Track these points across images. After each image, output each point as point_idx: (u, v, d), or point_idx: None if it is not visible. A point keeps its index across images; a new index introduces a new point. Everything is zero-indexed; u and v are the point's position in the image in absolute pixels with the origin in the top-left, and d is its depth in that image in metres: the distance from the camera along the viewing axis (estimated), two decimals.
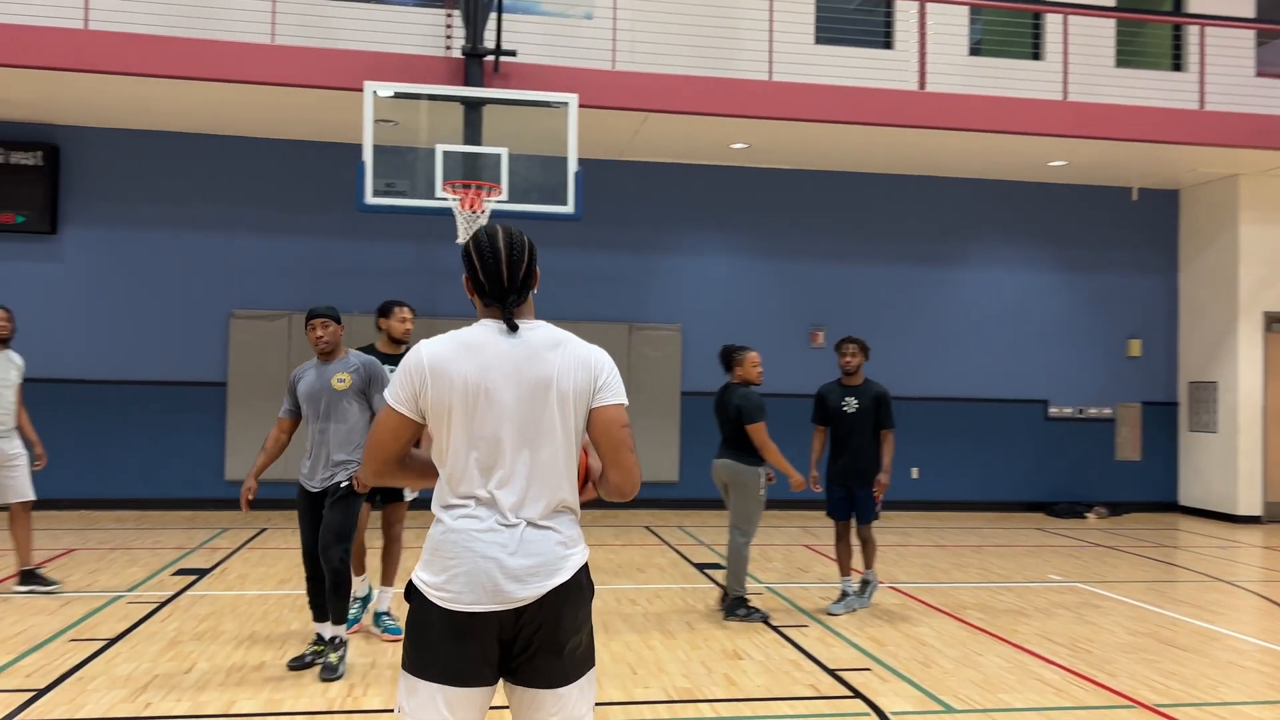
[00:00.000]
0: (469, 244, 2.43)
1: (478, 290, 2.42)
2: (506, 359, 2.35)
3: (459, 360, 2.33)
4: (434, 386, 2.33)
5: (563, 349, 2.38)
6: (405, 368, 2.37)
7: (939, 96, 10.40)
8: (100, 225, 11.03)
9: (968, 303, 12.62)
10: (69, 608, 6.30)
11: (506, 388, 2.33)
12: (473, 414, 2.32)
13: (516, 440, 2.33)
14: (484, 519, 2.31)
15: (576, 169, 8.99)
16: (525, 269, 2.39)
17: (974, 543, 10.03)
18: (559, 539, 2.35)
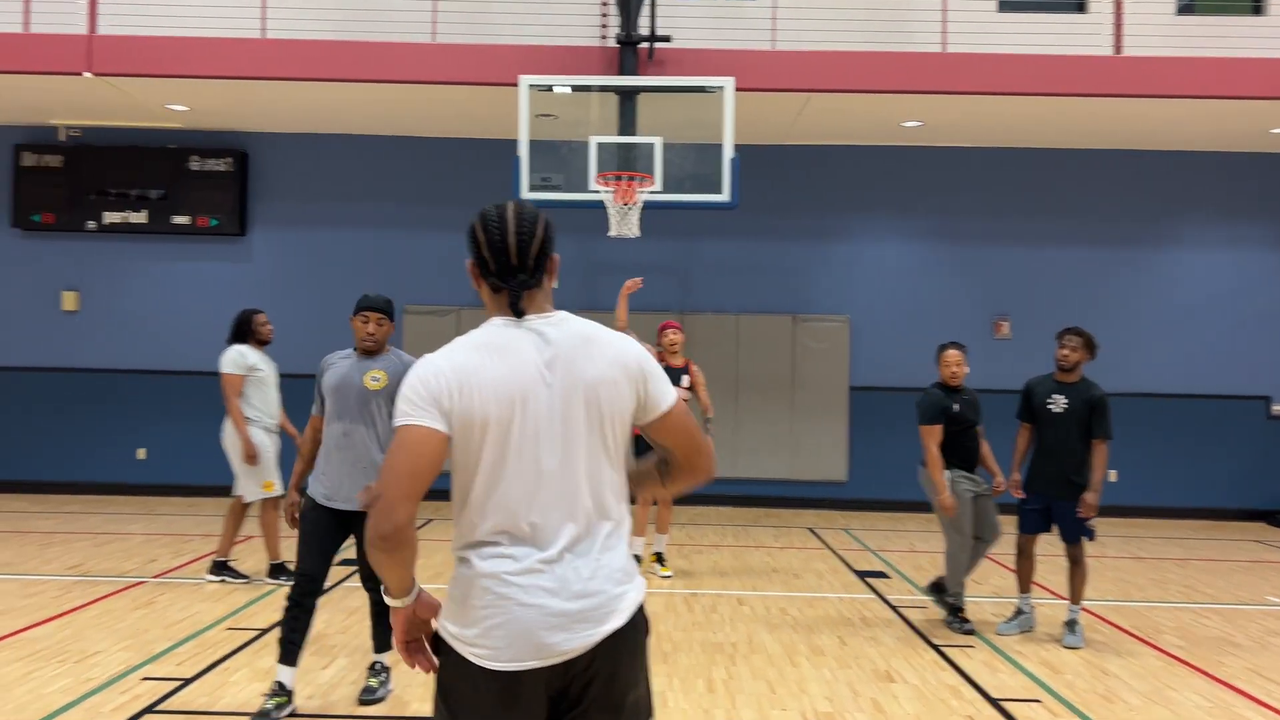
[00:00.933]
0: (474, 221, 2.13)
1: (482, 271, 2.10)
2: (538, 360, 2.03)
3: (487, 366, 2.01)
4: (463, 398, 1.98)
5: (597, 345, 2.07)
6: (420, 378, 2.02)
7: (1138, 61, 9.41)
8: (284, 226, 11.59)
9: (1174, 288, 11.42)
10: (233, 596, 6.55)
11: (542, 394, 2.02)
12: (508, 429, 1.99)
13: (557, 456, 2.01)
14: (520, 558, 1.98)
15: (733, 155, 8.66)
16: (538, 246, 2.09)
17: (1178, 555, 9.03)
18: (612, 573, 2.02)
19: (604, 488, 2.05)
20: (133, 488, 11.29)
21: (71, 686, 4.63)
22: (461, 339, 2.08)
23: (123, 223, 11.42)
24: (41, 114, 10.98)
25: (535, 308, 2.09)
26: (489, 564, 1.98)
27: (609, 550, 2.04)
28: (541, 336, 2.06)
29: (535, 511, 1.99)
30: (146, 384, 11.50)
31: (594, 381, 2.03)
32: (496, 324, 2.09)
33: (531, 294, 2.09)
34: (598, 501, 2.03)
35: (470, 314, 11.46)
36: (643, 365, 2.10)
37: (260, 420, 6.95)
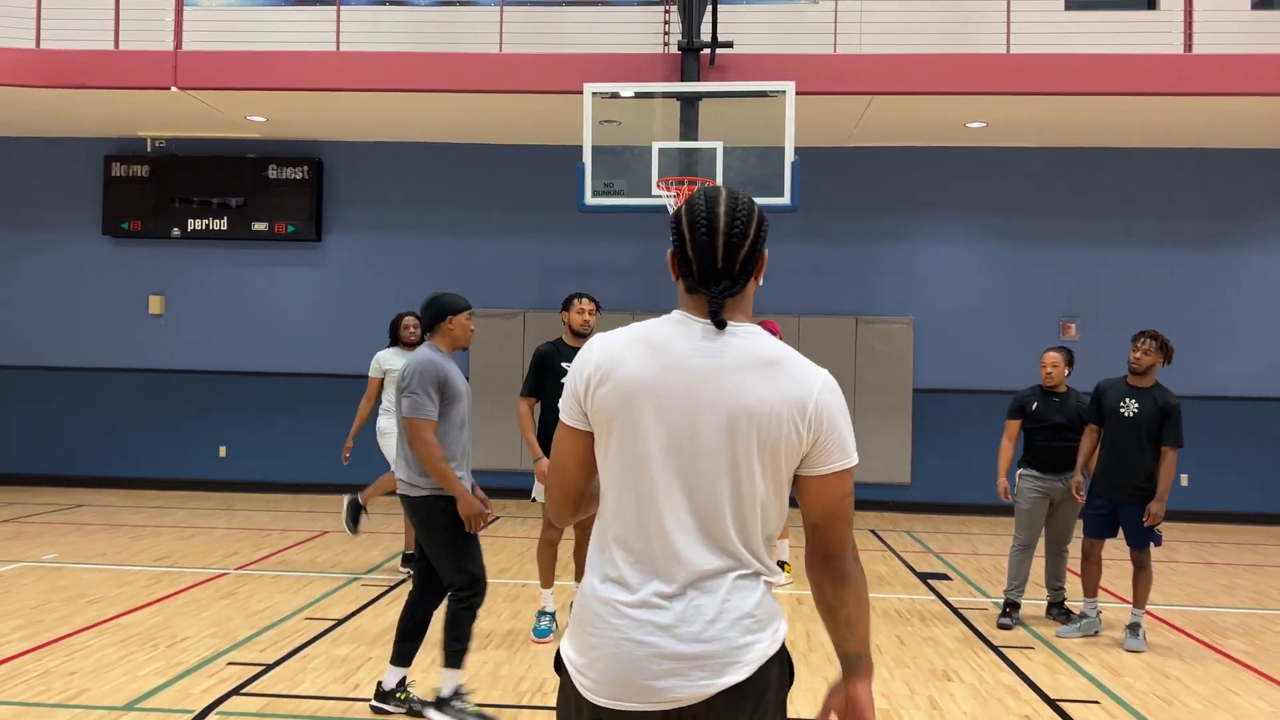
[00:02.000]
0: (680, 211, 1.87)
1: (681, 269, 1.87)
2: (693, 367, 1.79)
3: (632, 358, 1.81)
4: (601, 387, 1.82)
5: (775, 371, 1.80)
6: (573, 366, 1.89)
7: (1210, 58, 9.25)
8: (357, 231, 11.96)
9: (1249, 289, 11.18)
10: (311, 587, 6.85)
11: (682, 404, 1.78)
12: (637, 430, 1.79)
13: (695, 478, 1.78)
14: (636, 586, 1.78)
15: (794, 158, 8.73)
16: (749, 248, 1.82)
17: (1250, 561, 8.86)
18: (739, 618, 1.77)
19: (748, 522, 1.80)
20: (214, 484, 11.76)
21: (163, 669, 4.93)
22: (637, 325, 1.89)
23: (205, 229, 11.90)
24: (130, 126, 11.50)
25: (729, 312, 1.84)
26: (605, 588, 1.81)
27: (741, 591, 1.79)
28: (715, 343, 1.81)
29: (660, 534, 1.78)
30: (227, 384, 11.96)
31: (750, 407, 1.78)
32: (672, 317, 1.86)
33: (735, 300, 1.85)
34: (739, 536, 1.79)
35: (535, 316, 11.71)
36: (823, 409, 1.81)
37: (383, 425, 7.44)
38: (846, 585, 1.85)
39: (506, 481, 11.67)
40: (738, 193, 1.87)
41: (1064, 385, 6.33)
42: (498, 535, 9.32)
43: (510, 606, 6.48)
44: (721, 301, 1.81)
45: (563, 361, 5.77)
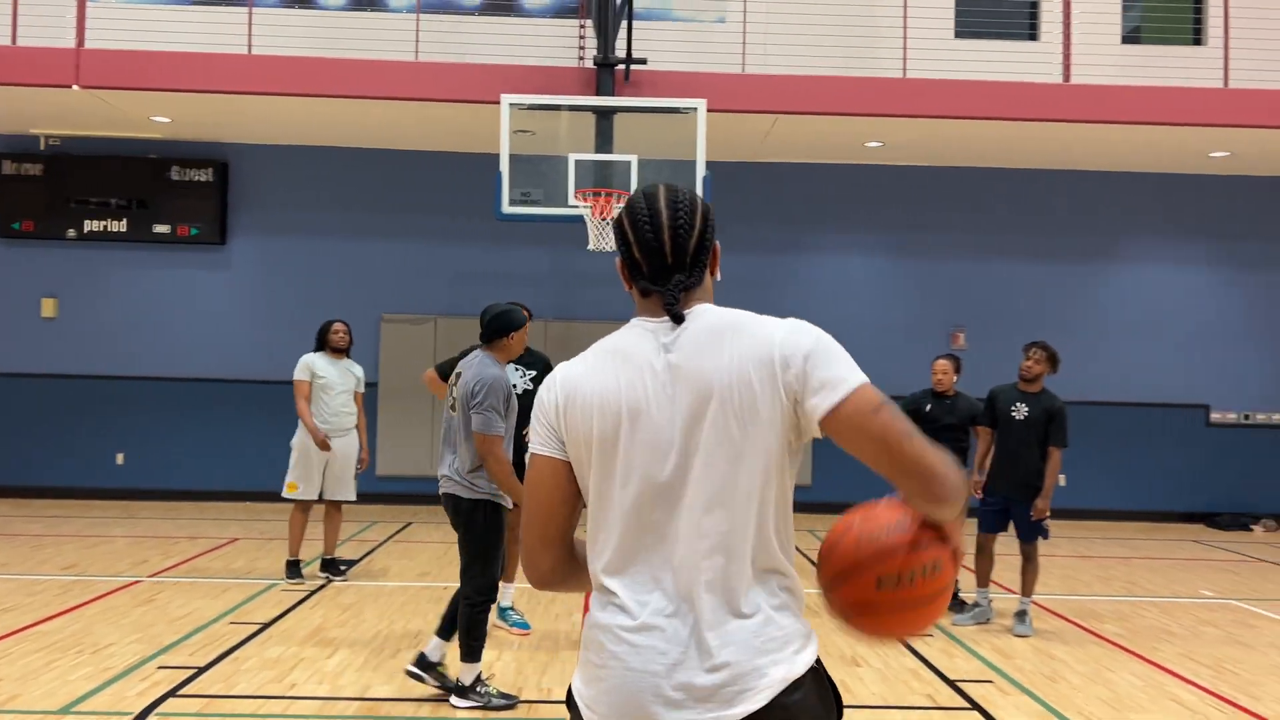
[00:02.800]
0: (621, 214, 1.80)
1: (632, 272, 1.78)
2: (657, 368, 1.68)
3: (597, 371, 1.72)
4: (570, 409, 1.72)
5: (731, 337, 1.67)
6: (540, 394, 1.80)
7: (1086, 88, 9.98)
8: (264, 235, 11.83)
9: (1120, 302, 12.04)
10: (230, 593, 6.83)
11: (660, 406, 1.66)
12: (614, 446, 1.67)
13: (680, 484, 1.64)
14: (635, 611, 1.64)
15: (705, 174, 9.07)
16: (697, 239, 1.74)
17: (1122, 554, 9.59)
18: (759, 634, 1.60)
19: (751, 526, 1.63)
20: (111, 492, 11.44)
21: (93, 674, 4.91)
22: (600, 341, 1.80)
23: (103, 231, 11.60)
24: (23, 123, 11.13)
25: (687, 305, 1.75)
26: (605, 614, 1.68)
27: (762, 606, 1.63)
28: (673, 337, 1.71)
29: (653, 554, 1.65)
30: (125, 390, 11.67)
31: (720, 386, 1.64)
32: (630, 325, 1.78)
33: (690, 294, 1.76)
34: (741, 544, 1.63)
35: (447, 322, 11.78)
36: (791, 348, 1.65)
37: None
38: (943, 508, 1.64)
39: (416, 488, 11.71)
40: (677, 186, 1.80)
41: (953, 390, 6.83)
42: (413, 541, 9.38)
43: (435, 608, 6.59)
44: (676, 295, 1.71)
45: None
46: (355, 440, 7.49)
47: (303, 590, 6.97)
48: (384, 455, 11.74)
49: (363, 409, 7.61)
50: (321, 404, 7.27)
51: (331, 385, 7.32)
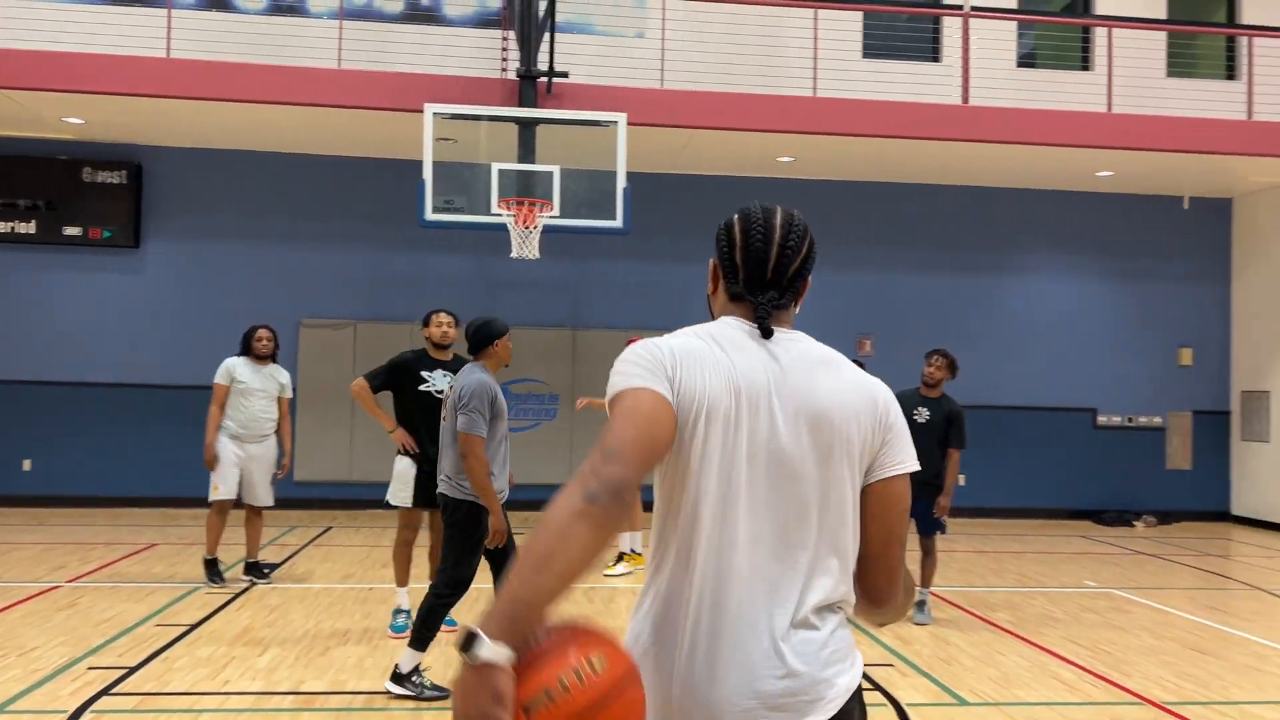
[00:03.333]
0: (733, 218, 1.83)
1: (727, 275, 1.80)
2: (763, 365, 1.71)
3: (714, 353, 1.70)
4: (687, 371, 1.66)
5: (838, 370, 1.75)
6: (637, 351, 1.70)
7: (983, 110, 10.58)
8: (179, 239, 11.72)
9: (1016, 312, 12.74)
10: (153, 596, 6.85)
11: (764, 403, 1.68)
12: (730, 423, 1.65)
13: (774, 483, 1.66)
14: (709, 612, 1.65)
15: (625, 185, 9.37)
16: (799, 264, 1.79)
17: (1015, 549, 10.18)
18: (818, 649, 1.65)
19: (827, 541, 1.68)
20: (19, 499, 11.20)
21: (22, 676, 4.95)
22: (688, 329, 1.77)
23: (10, 232, 11.36)
24: None
25: (776, 322, 1.79)
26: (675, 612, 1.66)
27: (822, 620, 1.67)
28: (771, 353, 1.73)
29: (737, 552, 1.64)
30: (33, 395, 11.44)
31: (827, 407, 1.69)
32: (725, 322, 1.78)
33: (778, 316, 1.79)
34: (819, 558, 1.67)
35: (367, 327, 11.84)
36: (890, 406, 1.76)
37: (229, 429, 7.25)
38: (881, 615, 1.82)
39: (335, 493, 11.74)
40: (794, 211, 1.84)
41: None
42: (334, 544, 9.45)
43: (361, 608, 6.73)
44: (769, 310, 1.75)
45: (423, 371, 6.02)
46: (274, 446, 7.49)
47: (227, 593, 7.02)
48: (302, 461, 11.72)
49: (288, 415, 7.62)
50: (240, 409, 7.27)
51: (251, 390, 7.32)
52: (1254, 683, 5.45)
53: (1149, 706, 4.96)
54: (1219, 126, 10.75)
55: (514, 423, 11.98)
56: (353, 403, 11.75)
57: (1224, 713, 4.90)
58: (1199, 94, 11.73)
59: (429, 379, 6.02)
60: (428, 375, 6.03)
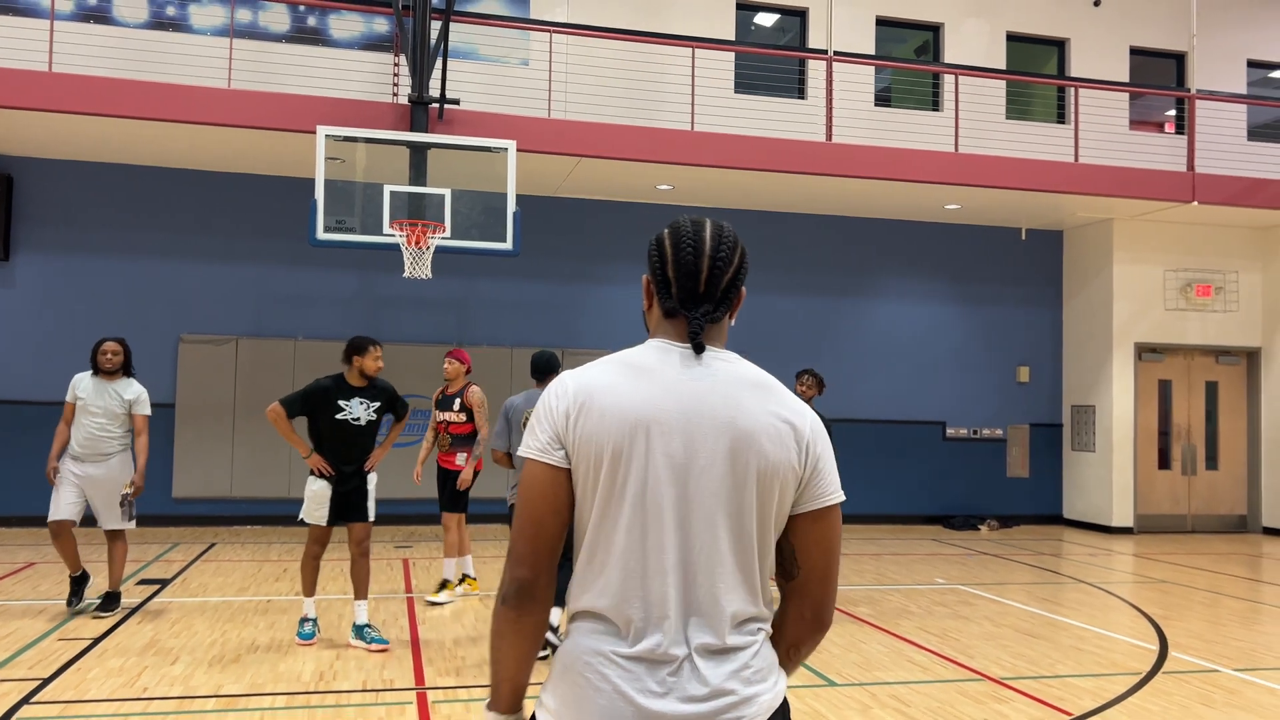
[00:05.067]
0: (663, 232, 1.84)
1: (659, 290, 1.82)
2: (683, 391, 1.72)
3: (617, 384, 1.73)
4: (583, 417, 1.70)
5: (766, 394, 1.76)
6: (545, 399, 1.78)
7: (845, 148, 11.47)
8: (53, 252, 11.48)
9: (873, 332, 13.73)
10: (45, 614, 6.86)
11: (678, 432, 1.70)
12: (625, 466, 1.68)
13: (683, 514, 1.69)
14: (629, 637, 1.68)
15: (515, 209, 9.79)
16: (732, 275, 1.79)
17: (873, 551, 11.04)
18: (739, 669, 1.69)
19: (749, 560, 1.72)
20: None
21: None
22: (610, 356, 1.81)
23: None
24: None
25: (708, 339, 1.80)
26: (593, 639, 1.70)
27: (743, 641, 1.71)
28: (700, 367, 1.75)
29: (653, 580, 1.67)
30: None
31: (752, 431, 1.71)
32: (649, 345, 1.81)
33: (711, 330, 1.81)
34: (741, 577, 1.71)
35: (249, 343, 11.85)
36: (817, 435, 1.78)
37: (70, 448, 6.87)
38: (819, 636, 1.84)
39: (216, 509, 11.67)
40: (723, 223, 1.84)
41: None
42: (222, 559, 9.49)
43: (263, 619, 6.92)
44: (702, 324, 1.77)
45: (340, 399, 6.06)
46: (121, 465, 6.89)
47: (123, 610, 7.07)
48: (181, 477, 11.64)
49: (143, 432, 6.97)
50: (79, 426, 6.79)
51: (89, 407, 6.81)
52: (1075, 660, 6.29)
53: (988, 682, 5.71)
54: (1051, 167, 11.96)
55: (402, 438, 12.22)
56: (234, 418, 11.77)
57: (1049, 685, 5.69)
58: (1033, 135, 12.97)
59: (346, 407, 6.11)
60: (345, 404, 6.12)
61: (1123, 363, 13.38)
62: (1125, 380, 13.36)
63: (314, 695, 5.12)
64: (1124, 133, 13.53)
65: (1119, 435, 13.27)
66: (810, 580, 1.78)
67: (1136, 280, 13.46)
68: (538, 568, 1.69)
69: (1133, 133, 13.74)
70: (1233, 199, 12.39)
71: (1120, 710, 5.20)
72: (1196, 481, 13.70)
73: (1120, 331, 13.38)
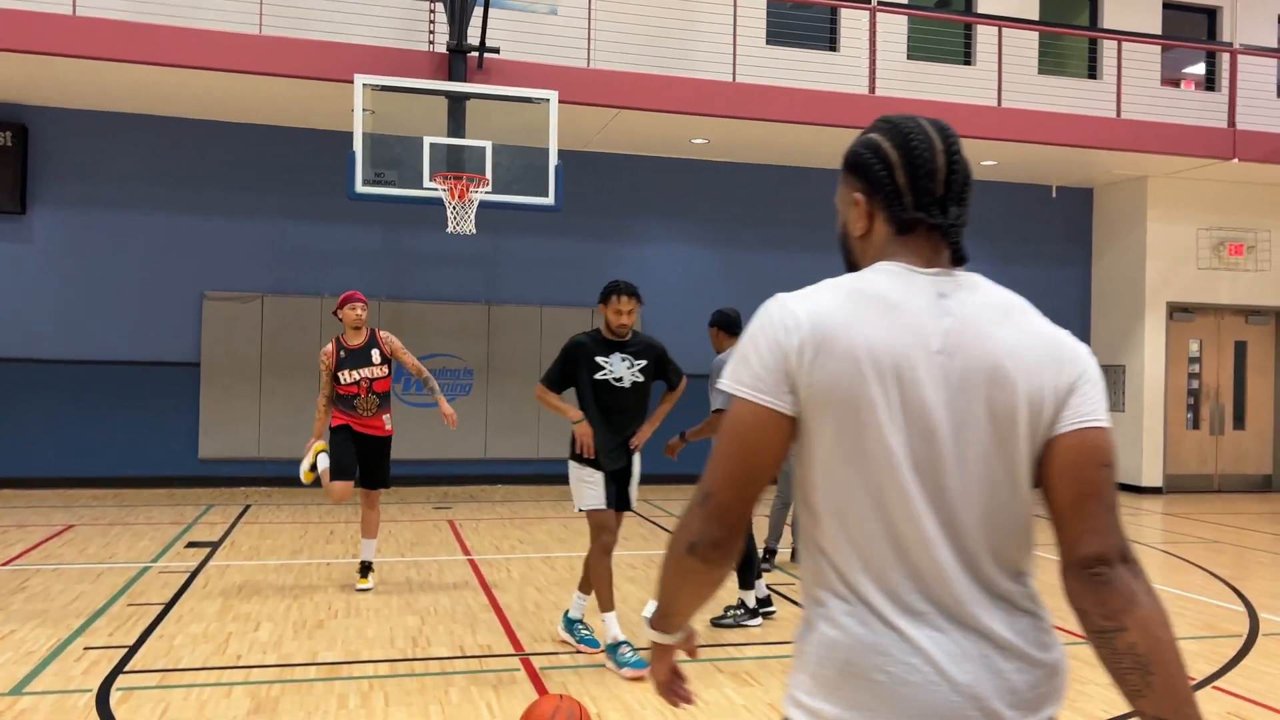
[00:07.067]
0: (875, 136, 1.57)
1: (888, 202, 1.54)
2: (935, 328, 1.47)
3: (862, 319, 1.46)
4: (822, 357, 1.44)
5: (1017, 319, 1.50)
6: (767, 329, 1.49)
7: (888, 100, 11.21)
8: (71, 206, 11.10)
9: None
10: (105, 577, 6.64)
11: (933, 377, 1.45)
12: (879, 417, 1.43)
13: (953, 470, 1.45)
14: (909, 615, 1.43)
15: (557, 163, 9.51)
16: (967, 176, 1.54)
17: None
18: (1037, 636, 1.47)
19: (1018, 519, 1.48)
20: None
21: (18, 659, 4.79)
22: (833, 281, 1.54)
23: None
24: None
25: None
26: (869, 627, 1.44)
27: (1034, 601, 1.50)
28: (952, 297, 1.49)
29: (926, 548, 1.43)
30: None
31: (1005, 363, 1.45)
32: (884, 269, 1.53)
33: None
34: (1013, 538, 1.48)
35: (274, 300, 11.55)
36: (1080, 356, 1.51)
37: None
38: (1115, 598, 1.41)
39: (243, 470, 11.41)
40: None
41: None
42: (265, 522, 9.27)
43: (332, 584, 6.72)
44: (959, 231, 1.53)
45: (598, 355, 5.11)
46: None
47: (183, 571, 6.87)
48: (207, 438, 11.38)
49: None
50: None
51: None
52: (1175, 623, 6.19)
53: None
54: (1092, 122, 11.74)
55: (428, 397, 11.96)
56: (260, 378, 11.50)
57: None
58: (1066, 91, 12.74)
59: (605, 365, 5.10)
60: (604, 361, 5.10)
61: (1155, 323, 13.28)
62: (1157, 340, 13.28)
63: (417, 663, 4.94)
64: (1156, 89, 13.33)
65: (1150, 395, 13.21)
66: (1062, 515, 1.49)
67: (1169, 239, 13.33)
68: (741, 523, 1.48)
69: (1165, 89, 13.54)
70: (1272, 156, 12.24)
71: (1239, 674, 5.11)
72: (1224, 441, 13.69)
73: (1153, 291, 13.27)
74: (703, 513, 1.47)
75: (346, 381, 6.37)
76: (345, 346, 6.44)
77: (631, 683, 4.69)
